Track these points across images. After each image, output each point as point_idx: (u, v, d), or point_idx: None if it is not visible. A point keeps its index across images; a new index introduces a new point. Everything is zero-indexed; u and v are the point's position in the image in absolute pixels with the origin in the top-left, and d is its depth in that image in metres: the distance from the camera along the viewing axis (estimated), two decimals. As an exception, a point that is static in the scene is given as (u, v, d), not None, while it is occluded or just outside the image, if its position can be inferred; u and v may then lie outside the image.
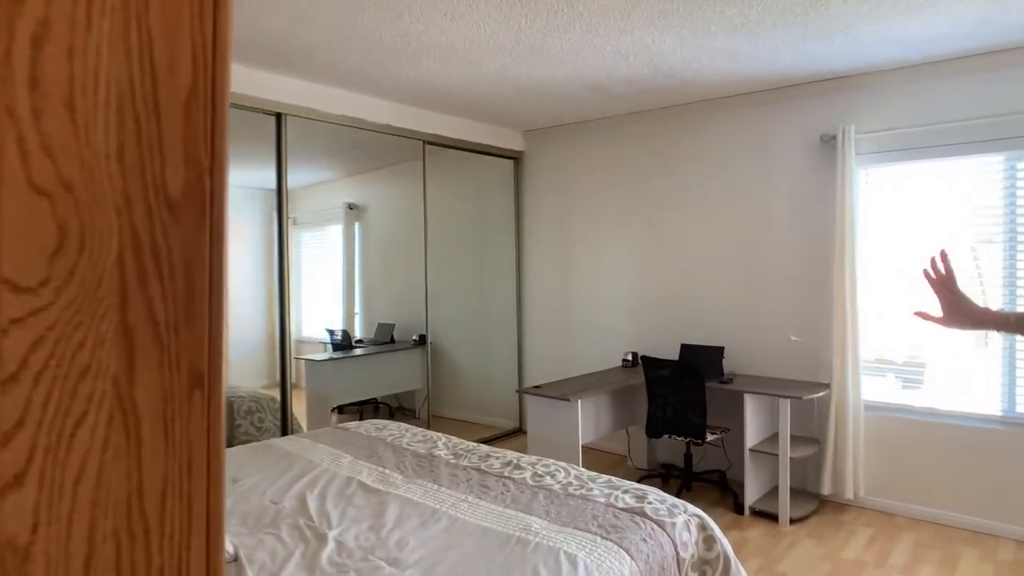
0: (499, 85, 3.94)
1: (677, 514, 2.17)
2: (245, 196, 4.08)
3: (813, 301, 3.97)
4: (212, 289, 0.49)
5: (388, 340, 5.00)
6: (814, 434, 3.95)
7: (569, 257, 5.10)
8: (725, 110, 4.28)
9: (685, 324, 4.48)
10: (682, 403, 3.74)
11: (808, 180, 3.98)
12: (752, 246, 4.19)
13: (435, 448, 2.96)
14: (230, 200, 2.32)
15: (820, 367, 3.93)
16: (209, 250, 0.49)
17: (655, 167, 4.62)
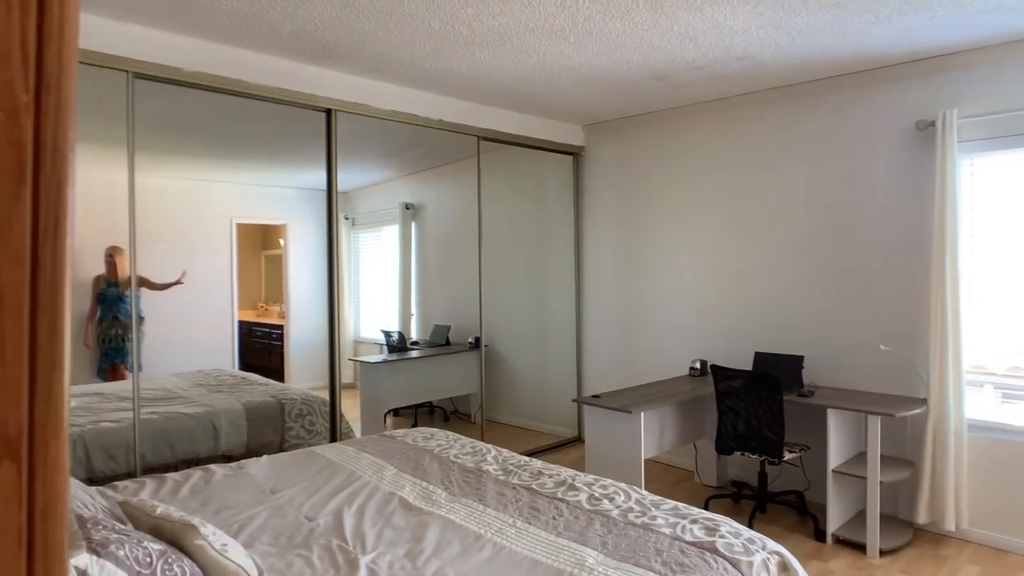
0: (557, 75, 3.73)
1: (754, 551, 1.90)
2: (304, 197, 4.04)
3: (907, 306, 3.56)
4: (37, 302, 0.31)
5: (444, 342, 4.88)
6: (908, 455, 3.54)
7: (632, 257, 4.82)
8: (804, 96, 3.91)
9: (760, 330, 4.13)
10: (756, 417, 3.42)
11: (901, 172, 3.58)
12: (836, 245, 3.81)
13: (484, 462, 2.77)
14: (288, 201, 2.14)
15: (915, 380, 3.52)
16: (32, 238, 0.31)
17: (726, 161, 4.29)
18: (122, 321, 3.48)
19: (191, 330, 3.72)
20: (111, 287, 3.47)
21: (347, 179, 4.60)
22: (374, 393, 4.49)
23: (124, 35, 2.90)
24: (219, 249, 3.87)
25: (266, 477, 2.61)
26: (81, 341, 3.28)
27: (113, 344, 3.49)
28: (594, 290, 5.08)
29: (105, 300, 3.48)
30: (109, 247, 3.47)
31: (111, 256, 3.45)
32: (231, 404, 3.48)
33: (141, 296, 3.50)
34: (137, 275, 3.37)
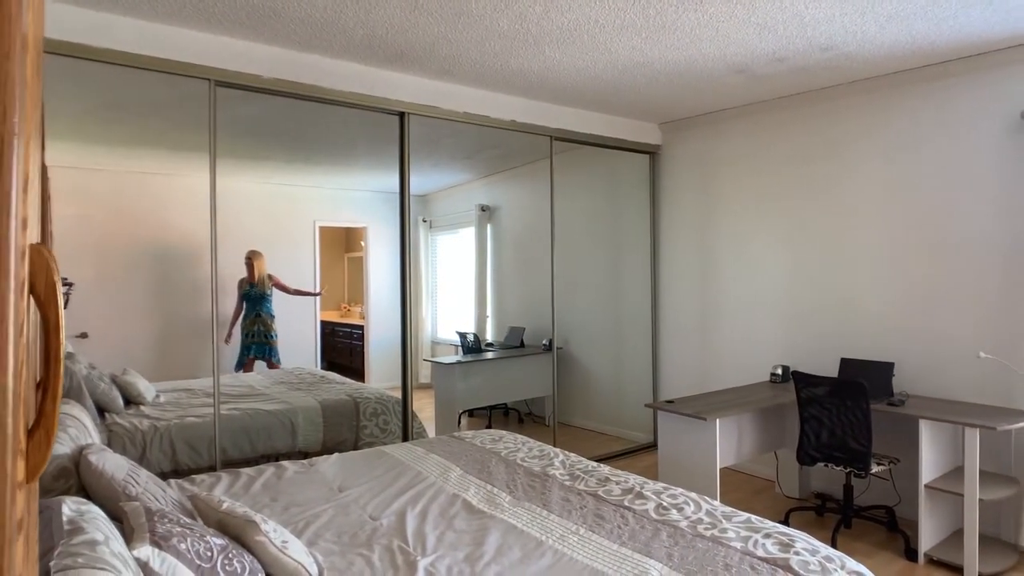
0: (630, 72, 3.63)
1: (832, 571, 1.78)
2: (384, 200, 4.13)
3: (1009, 310, 3.24)
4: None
5: (518, 344, 4.86)
6: (1011, 471, 3.22)
7: (710, 258, 4.63)
8: (897, 87, 3.64)
9: (847, 335, 3.86)
10: (841, 427, 3.20)
11: (1005, 166, 3.27)
12: (931, 245, 3.52)
13: (551, 466, 2.74)
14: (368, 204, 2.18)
15: (1018, 391, 3.18)
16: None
17: (809, 158, 4.04)
18: (263, 318, 3.75)
19: (278, 330, 3.88)
20: (253, 288, 3.73)
21: (424, 182, 4.67)
22: (448, 394, 4.53)
23: (206, 44, 3.01)
24: (303, 251, 4.02)
25: (335, 475, 2.66)
26: (220, 339, 3.49)
27: (256, 339, 3.76)
28: (671, 292, 4.92)
29: (249, 299, 3.75)
30: (249, 251, 3.72)
31: (250, 259, 3.72)
32: (309, 402, 3.59)
33: (271, 296, 3.75)
34: (272, 277, 3.60)
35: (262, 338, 3.79)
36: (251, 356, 3.78)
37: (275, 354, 3.83)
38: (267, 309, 3.80)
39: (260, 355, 3.79)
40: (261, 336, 3.78)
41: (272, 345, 3.82)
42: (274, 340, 3.84)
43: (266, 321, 3.79)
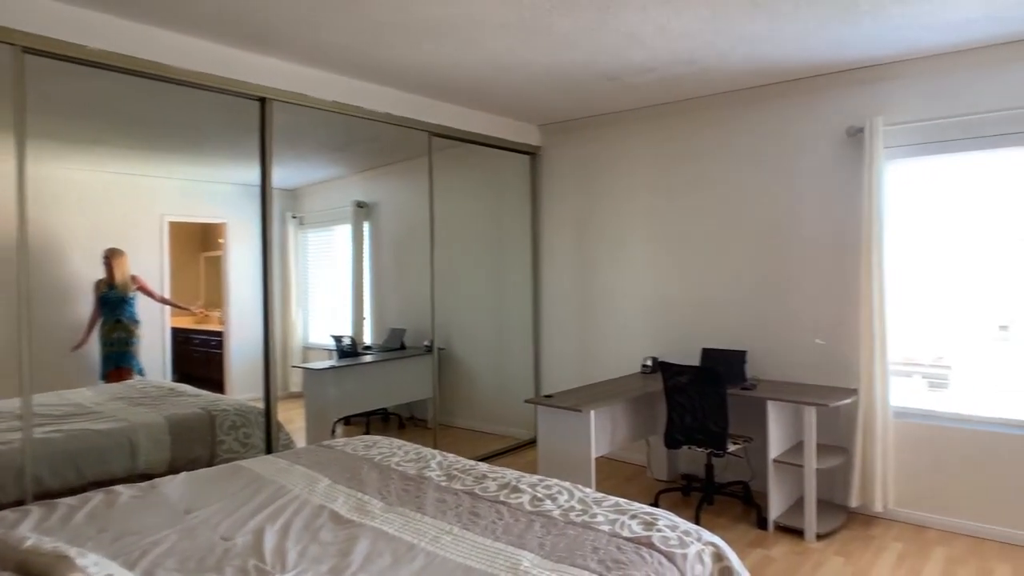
0: (509, 71, 3.71)
1: (689, 543, 1.95)
2: (246, 194, 3.83)
3: (839, 302, 3.71)
4: None
5: (398, 346, 4.77)
6: (841, 442, 3.67)
7: (589, 258, 4.86)
8: (749, 102, 4.03)
9: (707, 327, 4.22)
10: (702, 411, 3.49)
11: (834, 175, 3.73)
12: (776, 245, 3.94)
13: (427, 468, 2.72)
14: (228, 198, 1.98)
15: (847, 371, 3.67)
16: None
17: (678, 163, 4.37)
18: (125, 324, 3.36)
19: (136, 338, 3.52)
20: (112, 290, 3.32)
21: (293, 175, 4.45)
22: (320, 402, 4.35)
23: (11, 2, 2.58)
24: (149, 250, 3.63)
25: (181, 496, 2.45)
26: (70, 346, 3.06)
27: (116, 348, 3.36)
28: (552, 290, 5.09)
29: (107, 303, 3.33)
30: (106, 249, 3.29)
31: (108, 259, 3.31)
32: (153, 418, 3.27)
33: (135, 300, 3.37)
34: (137, 279, 3.23)
35: (123, 346, 3.42)
36: (116, 367, 3.39)
37: (136, 362, 3.48)
38: (129, 314, 3.43)
39: (122, 364, 3.42)
40: (122, 344, 3.41)
41: (133, 353, 3.47)
42: (136, 347, 3.48)
43: (128, 327, 3.42)
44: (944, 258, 3.50)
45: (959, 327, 3.49)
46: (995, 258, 3.36)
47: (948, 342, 3.53)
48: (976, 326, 3.43)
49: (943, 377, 3.56)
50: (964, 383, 3.49)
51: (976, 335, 3.44)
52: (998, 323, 3.40)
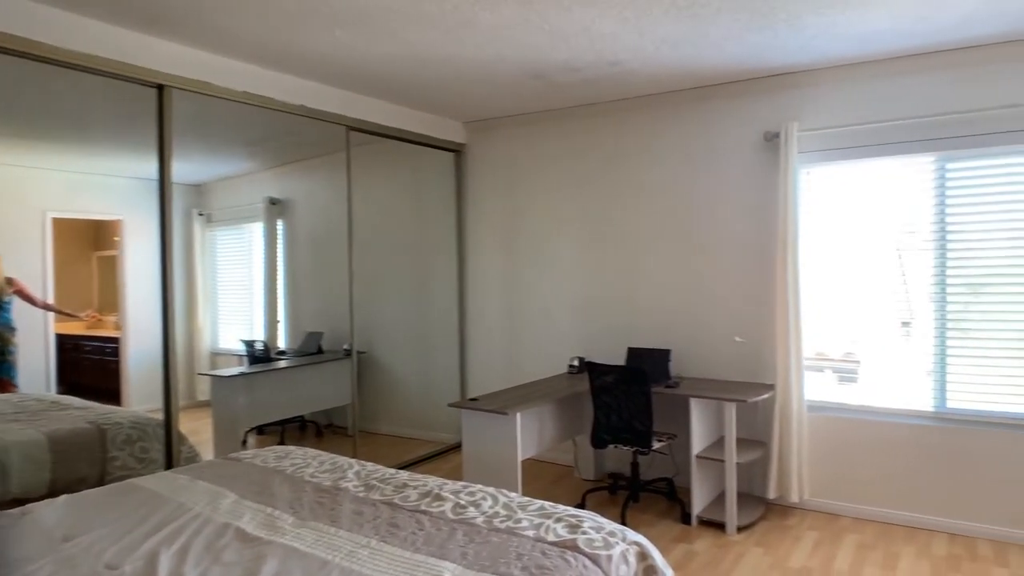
0: (431, 66, 3.59)
1: (614, 544, 1.94)
2: (142, 188, 3.50)
3: (757, 301, 3.83)
4: None
5: (315, 351, 4.54)
6: (760, 436, 3.80)
7: (516, 258, 4.80)
8: (673, 105, 4.10)
9: (633, 326, 4.27)
10: (628, 410, 3.51)
11: (753, 178, 3.86)
12: (699, 246, 4.04)
13: (343, 479, 2.58)
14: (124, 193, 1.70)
15: (765, 367, 3.80)
16: None
17: (603, 164, 4.39)
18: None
19: (10, 346, 3.15)
20: None
21: (199, 170, 4.14)
22: (229, 411, 4.06)
23: None
24: (29, 250, 3.26)
25: (59, 522, 2.21)
26: None
27: None
28: (477, 291, 5.00)
29: None
30: None
31: None
32: (29, 435, 2.92)
33: (11, 304, 2.97)
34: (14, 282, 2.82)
35: None
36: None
37: (14, 373, 3.10)
38: (4, 320, 3.06)
39: (2, 374, 3.04)
40: None
41: (11, 363, 3.08)
42: (13, 357, 3.10)
43: (2, 335, 3.05)
44: (853, 259, 3.68)
45: (866, 324, 3.69)
46: (898, 258, 3.58)
47: (856, 338, 3.73)
48: (881, 323, 3.64)
49: (852, 371, 3.76)
50: (871, 377, 3.69)
51: (881, 332, 3.65)
52: (900, 320, 3.62)
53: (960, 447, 3.34)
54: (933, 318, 3.44)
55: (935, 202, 3.42)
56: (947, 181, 3.39)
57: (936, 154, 3.38)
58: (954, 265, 3.39)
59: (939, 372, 3.45)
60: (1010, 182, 3.24)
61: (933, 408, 3.47)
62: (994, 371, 3.32)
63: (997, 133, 3.19)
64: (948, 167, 3.38)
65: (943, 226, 3.40)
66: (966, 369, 3.39)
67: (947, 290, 3.41)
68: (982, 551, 3.17)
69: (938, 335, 3.44)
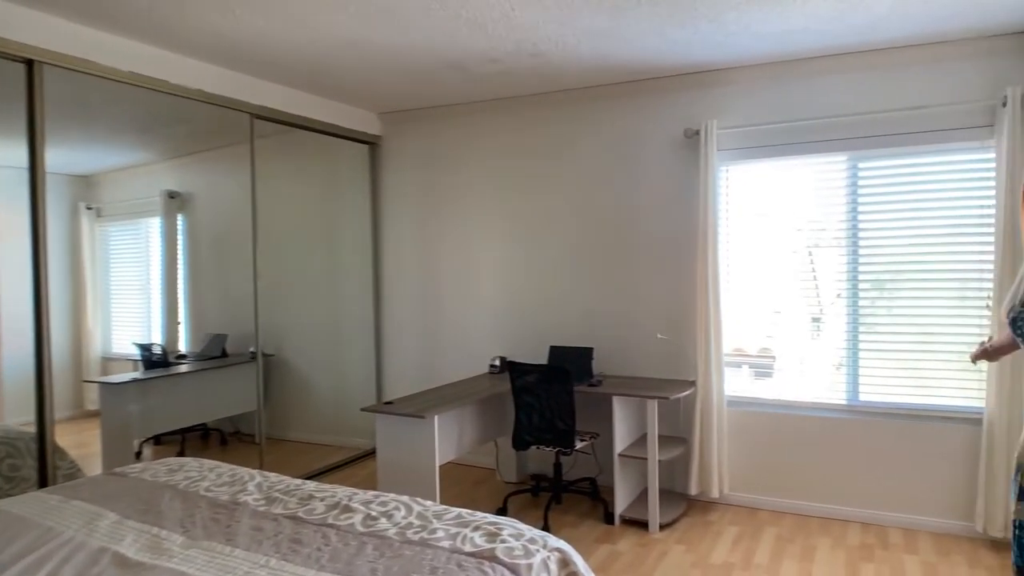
0: (341, 52, 3.38)
1: (535, 552, 1.84)
2: (9, 178, 3.10)
3: (679, 298, 3.83)
4: None
5: (219, 354, 4.20)
6: (682, 433, 3.79)
7: (433, 255, 4.62)
8: (596, 100, 4.05)
9: (555, 324, 4.18)
10: (550, 410, 3.41)
11: (674, 176, 3.86)
12: (622, 243, 4.01)
13: (243, 492, 2.36)
14: None
15: (686, 364, 3.79)
16: None
17: (523, 160, 4.29)
18: None
19: None
20: None
21: (87, 159, 3.76)
22: (120, 420, 3.70)
23: None
24: None
25: None
26: None
27: None
28: (394, 290, 4.78)
29: None
30: None
31: None
32: None
33: None
34: None
35: None
36: None
37: None
38: None
39: None
40: None
41: None
42: None
43: None
44: (770, 256, 3.73)
45: (782, 320, 3.75)
46: (810, 256, 3.65)
47: (772, 334, 3.78)
48: (795, 319, 3.71)
49: (768, 367, 3.81)
50: (786, 372, 3.75)
51: (795, 328, 3.71)
52: (812, 316, 3.70)
53: (871, 439, 3.43)
54: (845, 314, 3.53)
55: (847, 201, 3.50)
56: (859, 180, 3.48)
57: (848, 154, 3.47)
58: (865, 262, 3.48)
59: (851, 366, 3.54)
60: (916, 182, 3.36)
61: (846, 401, 3.55)
62: (901, 364, 3.43)
63: (904, 134, 3.30)
64: (860, 166, 3.47)
65: (855, 224, 3.48)
66: (876, 363, 3.49)
67: (858, 287, 3.50)
68: (893, 539, 3.26)
69: (850, 330, 3.53)
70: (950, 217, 3.28)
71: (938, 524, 3.30)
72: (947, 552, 3.09)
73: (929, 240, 3.32)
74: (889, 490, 3.40)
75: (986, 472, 3.09)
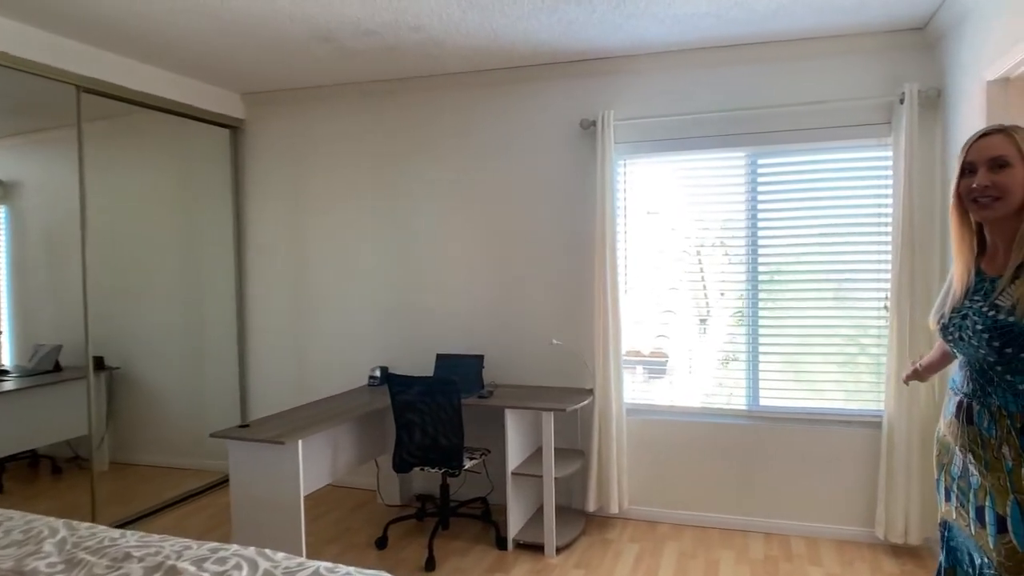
0: (188, 18, 2.82)
1: None
2: None
3: (576, 300, 3.52)
4: None
5: (51, 368, 3.50)
6: (579, 445, 3.47)
7: (305, 254, 4.07)
8: (486, 87, 3.66)
9: (442, 331, 3.76)
10: (435, 426, 3.00)
11: (570, 170, 3.54)
12: (514, 242, 3.65)
13: (35, 554, 1.81)
14: None
15: (583, 371, 3.47)
16: None
17: (408, 149, 3.83)
18: None
19: None
20: None
21: None
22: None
23: None
24: None
25: None
26: None
27: None
28: (261, 294, 4.19)
29: None
30: None
31: None
32: None
33: None
34: None
35: None
36: None
37: None
38: None
39: None
40: None
41: None
42: None
43: None
44: (666, 253, 3.49)
45: (673, 320, 3.51)
46: (699, 254, 3.43)
47: (668, 334, 3.53)
48: (685, 319, 3.48)
49: (661, 367, 3.56)
50: (678, 374, 3.52)
51: (685, 327, 3.48)
52: (699, 316, 3.48)
53: (771, 445, 3.25)
54: (744, 315, 3.34)
55: (747, 199, 3.30)
56: (758, 178, 3.29)
57: (747, 149, 3.27)
58: (765, 263, 3.29)
59: (751, 370, 3.35)
60: (815, 179, 3.20)
61: (746, 406, 3.36)
62: (801, 367, 3.29)
63: (804, 130, 3.13)
64: (760, 162, 3.28)
65: (754, 223, 3.29)
66: (776, 366, 3.32)
67: (758, 287, 3.31)
68: (796, 549, 3.08)
69: (749, 333, 3.34)
70: (848, 216, 3.15)
71: (840, 532, 3.16)
72: (850, 561, 2.94)
73: (828, 240, 3.18)
74: (790, 498, 3.23)
75: (886, 477, 2.98)
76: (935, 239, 2.93)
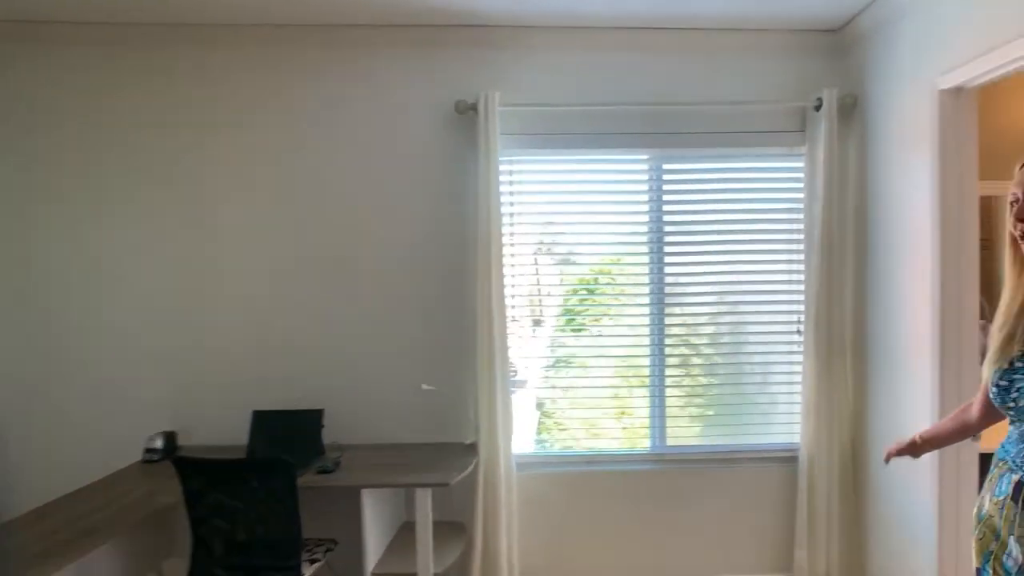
0: None
1: None
2: None
3: (452, 332, 2.64)
4: None
5: None
6: (458, 516, 2.61)
7: (36, 267, 2.64)
8: (313, 47, 2.64)
9: (260, 379, 2.62)
10: (253, 522, 1.91)
11: (442, 166, 2.69)
12: (362, 260, 2.67)
13: None
14: None
15: (462, 421, 2.60)
16: None
17: (209, 128, 2.65)
18: None
19: None
20: None
21: None
22: None
23: None
24: None
25: None
26: None
27: None
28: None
29: None
30: None
31: None
32: None
33: None
34: None
35: None
36: None
37: None
38: None
39: None
40: None
41: None
42: None
43: None
44: (563, 267, 2.79)
45: (518, 329, 2.82)
46: (536, 262, 2.80)
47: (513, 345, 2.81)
48: (525, 329, 2.80)
49: (517, 380, 2.78)
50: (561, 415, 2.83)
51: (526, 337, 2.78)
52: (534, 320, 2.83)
53: (681, 489, 2.72)
54: (651, 343, 2.74)
55: (651, 206, 2.71)
56: (664, 184, 2.73)
57: (651, 152, 2.70)
58: (672, 282, 2.73)
59: (656, 407, 2.76)
60: (724, 189, 2.72)
61: (650, 449, 2.77)
62: (710, 402, 2.80)
63: (712, 133, 2.64)
64: (664, 167, 2.72)
65: (660, 228, 2.70)
66: (682, 402, 2.78)
67: (664, 311, 2.73)
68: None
69: (654, 364, 2.75)
70: (760, 232, 2.70)
71: (759, 581, 2.68)
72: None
73: (738, 258, 2.71)
74: (705, 547, 2.71)
75: (808, 518, 2.57)
76: (848, 259, 2.61)
